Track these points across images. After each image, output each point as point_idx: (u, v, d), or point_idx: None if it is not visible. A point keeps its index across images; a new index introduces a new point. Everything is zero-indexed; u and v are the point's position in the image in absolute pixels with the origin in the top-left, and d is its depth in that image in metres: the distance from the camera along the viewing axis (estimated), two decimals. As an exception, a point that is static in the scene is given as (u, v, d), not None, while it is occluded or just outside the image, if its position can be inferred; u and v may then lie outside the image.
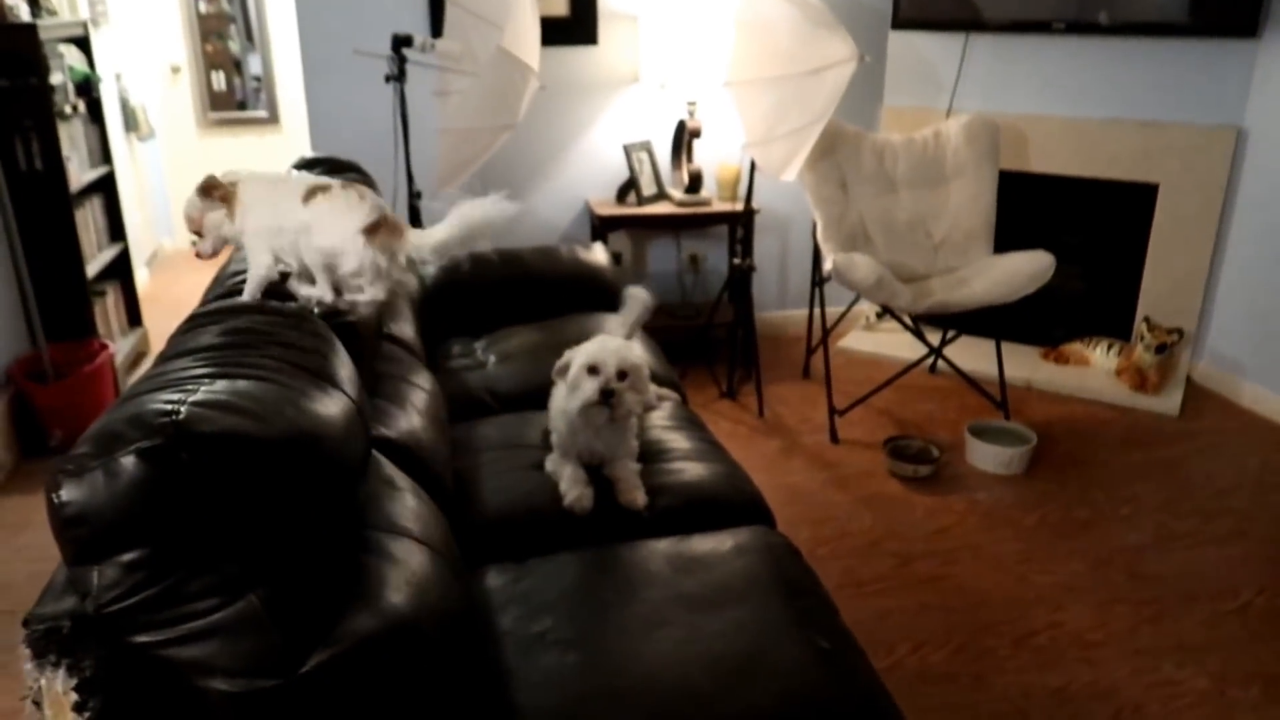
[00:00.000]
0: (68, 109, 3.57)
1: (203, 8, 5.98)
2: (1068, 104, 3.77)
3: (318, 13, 3.59)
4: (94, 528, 0.97)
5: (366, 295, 1.76)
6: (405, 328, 2.39)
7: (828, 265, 3.28)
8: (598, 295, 2.98)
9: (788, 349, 4.15)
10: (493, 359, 2.64)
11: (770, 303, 4.29)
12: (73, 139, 3.59)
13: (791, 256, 4.28)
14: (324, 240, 1.77)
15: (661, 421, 2.27)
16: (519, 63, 3.10)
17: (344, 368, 1.40)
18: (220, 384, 1.15)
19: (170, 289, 5.13)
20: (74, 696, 0.95)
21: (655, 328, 2.96)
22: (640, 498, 1.89)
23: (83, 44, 3.81)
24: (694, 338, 3.82)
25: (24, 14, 3.45)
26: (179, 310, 4.68)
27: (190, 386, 1.13)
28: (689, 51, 3.55)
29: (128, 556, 0.98)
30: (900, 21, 3.92)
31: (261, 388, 1.17)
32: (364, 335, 1.76)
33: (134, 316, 4.11)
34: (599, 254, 3.14)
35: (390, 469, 1.59)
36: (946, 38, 3.89)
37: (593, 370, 1.91)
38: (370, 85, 3.43)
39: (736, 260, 3.63)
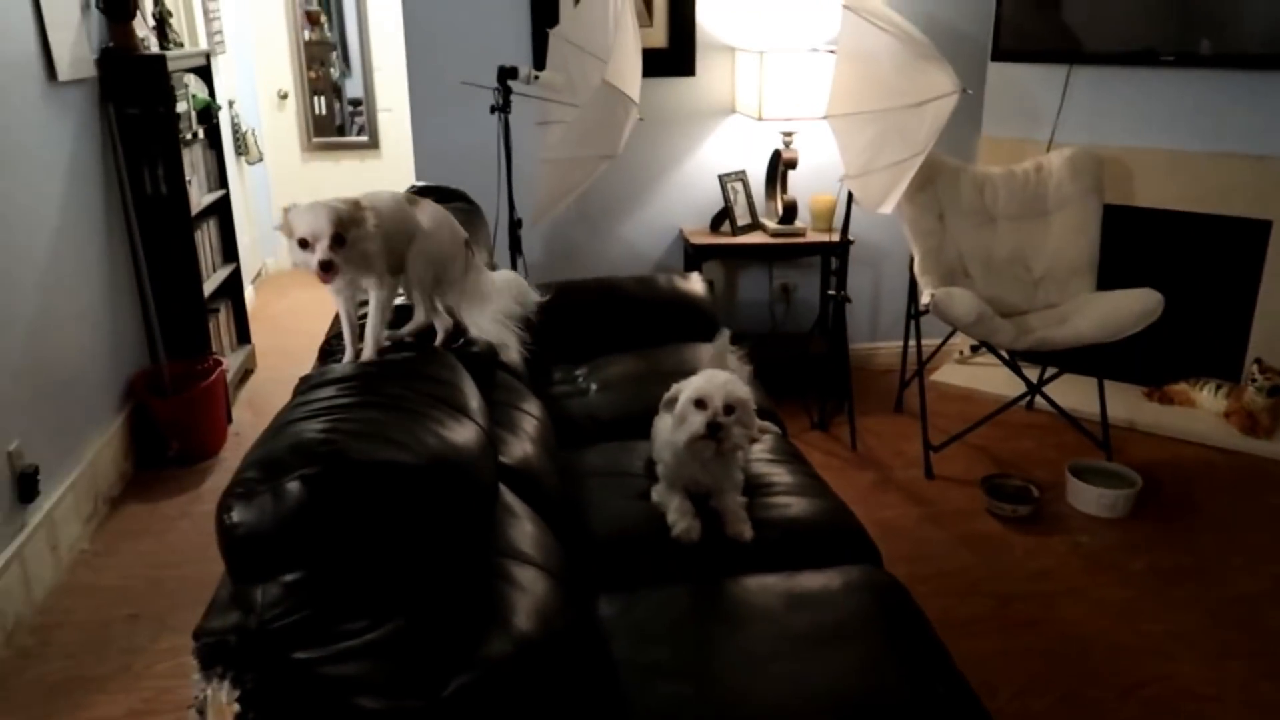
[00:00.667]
0: (189, 135, 3.75)
1: (307, 35, 6.22)
2: (1175, 137, 3.68)
3: (425, 46, 3.71)
4: (260, 548, 1.03)
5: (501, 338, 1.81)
6: (512, 354, 2.44)
7: (925, 299, 3.25)
8: (696, 325, 3.02)
9: (878, 381, 4.12)
10: (594, 386, 2.69)
11: (861, 334, 4.27)
12: (193, 164, 3.77)
13: (884, 288, 4.25)
14: (432, 243, 1.81)
15: (763, 454, 2.28)
16: (621, 95, 3.16)
17: (473, 397, 1.45)
18: (366, 414, 1.21)
19: (272, 307, 5.32)
20: (236, 708, 1.01)
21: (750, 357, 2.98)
22: (747, 531, 1.90)
23: (204, 73, 4.00)
24: (785, 368, 3.82)
25: (154, 46, 3.65)
26: (282, 327, 4.89)
27: (340, 416, 1.18)
28: (786, 83, 3.58)
29: (289, 577, 1.03)
30: (1000, 53, 3.88)
31: (404, 417, 1.22)
32: (486, 364, 1.81)
33: (243, 334, 4.28)
34: (697, 284, 3.17)
35: (509, 495, 1.63)
36: (1048, 69, 3.84)
37: (700, 404, 1.93)
38: (472, 115, 3.54)
39: (831, 291, 3.62)
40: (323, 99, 6.36)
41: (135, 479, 3.32)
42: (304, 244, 1.55)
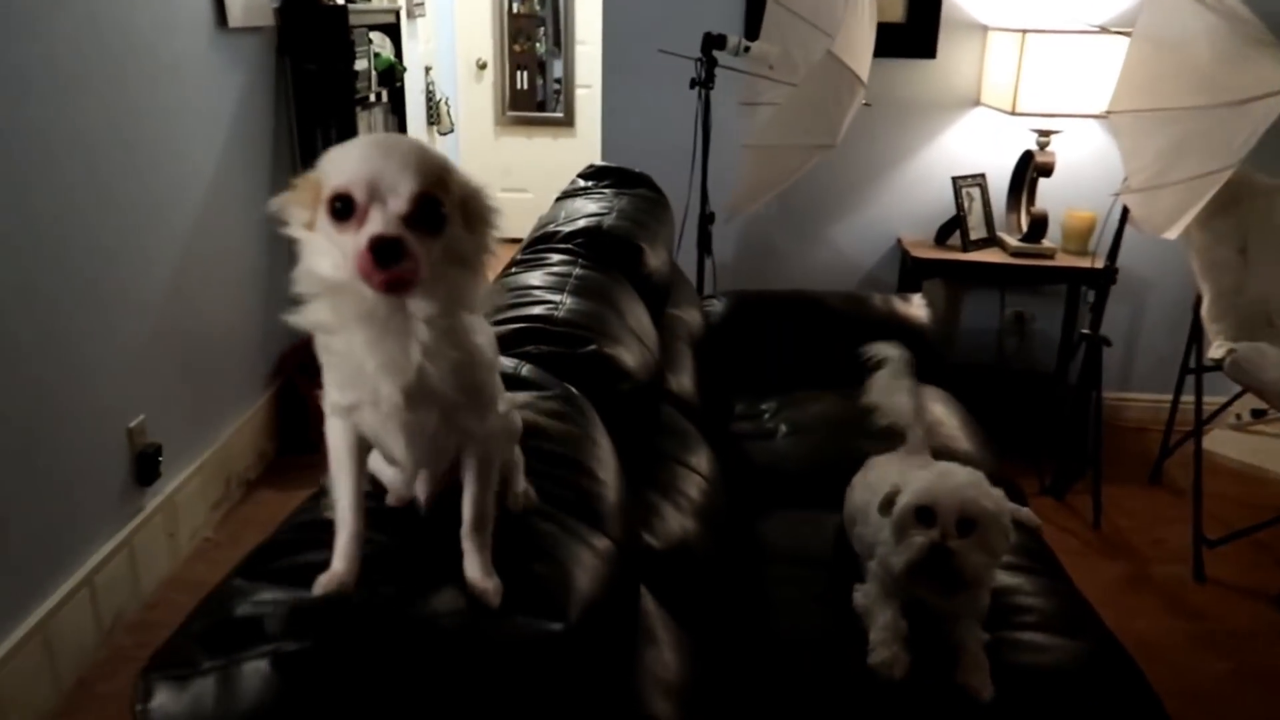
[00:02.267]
0: (370, 97, 3.49)
1: (515, 8, 5.97)
2: None
3: (626, 8, 3.28)
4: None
5: None
6: (684, 379, 1.97)
7: (1217, 352, 2.54)
8: (916, 362, 2.44)
9: (1128, 441, 3.38)
10: (783, 428, 2.17)
11: (1110, 381, 3.50)
12: (371, 127, 3.51)
13: (1145, 328, 3.48)
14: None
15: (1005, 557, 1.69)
16: (847, 72, 2.61)
17: (611, 488, 0.97)
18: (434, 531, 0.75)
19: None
20: None
21: (967, 397, 2.40)
22: (986, 687, 1.33)
23: (392, 33, 3.74)
24: (1013, 414, 3.15)
25: (342, -1, 3.40)
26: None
27: (386, 535, 0.73)
28: (1051, 70, 2.91)
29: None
30: (1339, 46, 3.05)
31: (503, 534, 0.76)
32: (647, 401, 1.33)
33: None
34: (919, 308, 2.59)
35: (649, 604, 1.16)
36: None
37: (924, 514, 1.37)
38: (669, 90, 3.07)
39: (1085, 330, 2.94)
40: (525, 74, 6.10)
41: (275, 464, 3.08)
42: (342, 208, 0.71)
